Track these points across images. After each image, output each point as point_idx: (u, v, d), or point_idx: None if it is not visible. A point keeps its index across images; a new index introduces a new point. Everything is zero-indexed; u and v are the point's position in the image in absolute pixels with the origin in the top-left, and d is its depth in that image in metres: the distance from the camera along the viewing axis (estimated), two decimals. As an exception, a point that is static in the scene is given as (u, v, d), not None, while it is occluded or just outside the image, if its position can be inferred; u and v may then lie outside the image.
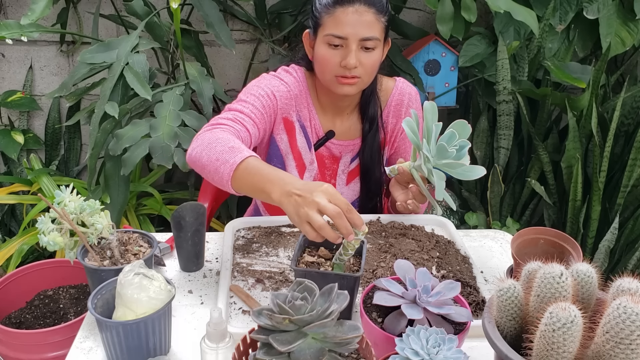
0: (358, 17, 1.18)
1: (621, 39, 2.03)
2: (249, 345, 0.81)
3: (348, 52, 1.20)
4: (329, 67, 1.23)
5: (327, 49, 1.22)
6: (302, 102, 1.35)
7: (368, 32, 1.20)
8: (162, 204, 2.10)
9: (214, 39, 1.80)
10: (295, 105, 1.34)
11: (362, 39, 1.20)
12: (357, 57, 1.20)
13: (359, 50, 1.21)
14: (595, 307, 0.74)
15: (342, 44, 1.20)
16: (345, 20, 1.18)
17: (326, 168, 1.42)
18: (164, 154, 1.60)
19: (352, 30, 1.19)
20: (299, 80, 1.34)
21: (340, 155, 1.41)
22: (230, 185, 1.03)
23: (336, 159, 1.42)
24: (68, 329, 1.19)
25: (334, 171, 1.43)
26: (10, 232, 2.30)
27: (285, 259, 1.17)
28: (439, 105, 2.22)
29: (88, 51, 1.69)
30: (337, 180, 1.43)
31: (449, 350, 0.74)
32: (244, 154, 1.04)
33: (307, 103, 1.36)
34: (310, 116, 1.36)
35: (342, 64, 1.21)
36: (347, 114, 1.38)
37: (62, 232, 0.99)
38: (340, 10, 1.19)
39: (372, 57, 1.22)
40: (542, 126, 2.10)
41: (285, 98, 1.32)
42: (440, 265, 1.13)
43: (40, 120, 2.47)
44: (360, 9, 1.18)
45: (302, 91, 1.35)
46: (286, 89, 1.32)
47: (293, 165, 1.38)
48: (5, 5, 2.29)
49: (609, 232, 1.92)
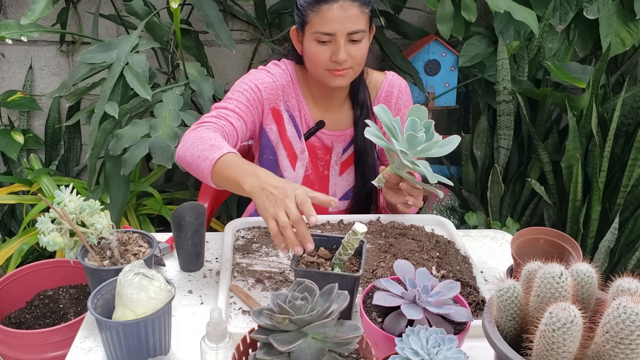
0: (343, 12, 1.21)
1: (621, 39, 2.03)
2: (249, 345, 0.81)
3: (337, 47, 1.23)
4: (319, 62, 1.26)
5: (317, 45, 1.25)
6: (290, 92, 1.38)
7: (354, 26, 1.23)
8: (162, 204, 2.10)
9: (214, 39, 1.80)
10: (282, 95, 1.37)
11: (349, 32, 1.23)
12: (347, 51, 1.24)
13: (347, 43, 1.24)
14: (595, 307, 0.74)
15: (331, 39, 1.24)
16: (332, 17, 1.21)
17: (318, 159, 1.44)
18: (164, 154, 1.60)
19: (339, 26, 1.22)
20: (288, 71, 1.38)
21: (332, 146, 1.43)
22: (210, 179, 1.09)
23: (328, 149, 1.43)
24: (68, 329, 1.19)
25: (326, 162, 1.45)
26: (10, 232, 2.30)
27: (285, 259, 1.17)
28: (439, 105, 2.25)
29: (88, 51, 1.69)
30: (330, 171, 1.45)
31: (449, 350, 0.74)
32: (223, 151, 1.09)
33: (297, 94, 1.38)
34: (300, 106, 1.39)
35: (332, 59, 1.25)
36: (338, 105, 1.41)
37: (62, 232, 0.99)
38: (326, 7, 1.21)
39: (360, 48, 1.26)
40: (542, 126, 2.10)
41: (270, 89, 1.34)
42: (440, 265, 1.13)
43: (40, 120, 2.47)
44: (344, 5, 1.21)
45: (291, 82, 1.38)
46: (271, 80, 1.35)
47: (284, 154, 1.41)
48: (5, 5, 2.29)
49: (609, 232, 1.92)
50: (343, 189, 1.47)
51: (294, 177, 1.44)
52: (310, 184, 1.45)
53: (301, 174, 1.43)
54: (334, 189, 1.47)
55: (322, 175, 1.45)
